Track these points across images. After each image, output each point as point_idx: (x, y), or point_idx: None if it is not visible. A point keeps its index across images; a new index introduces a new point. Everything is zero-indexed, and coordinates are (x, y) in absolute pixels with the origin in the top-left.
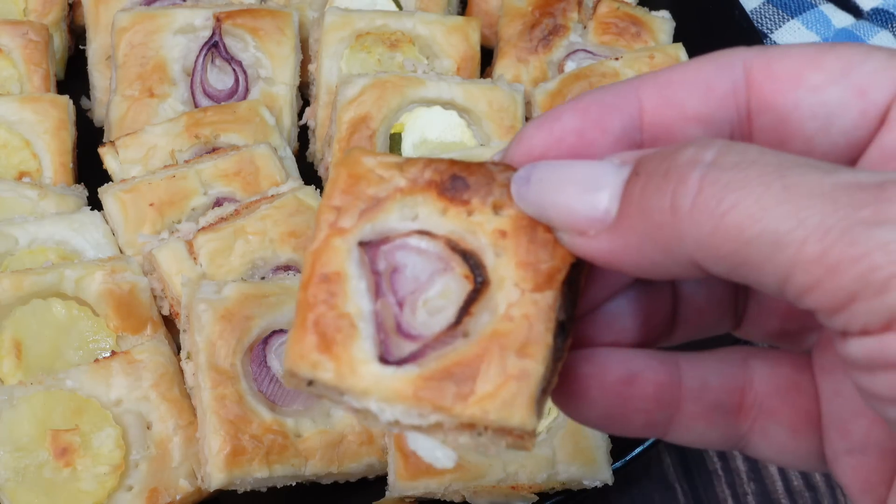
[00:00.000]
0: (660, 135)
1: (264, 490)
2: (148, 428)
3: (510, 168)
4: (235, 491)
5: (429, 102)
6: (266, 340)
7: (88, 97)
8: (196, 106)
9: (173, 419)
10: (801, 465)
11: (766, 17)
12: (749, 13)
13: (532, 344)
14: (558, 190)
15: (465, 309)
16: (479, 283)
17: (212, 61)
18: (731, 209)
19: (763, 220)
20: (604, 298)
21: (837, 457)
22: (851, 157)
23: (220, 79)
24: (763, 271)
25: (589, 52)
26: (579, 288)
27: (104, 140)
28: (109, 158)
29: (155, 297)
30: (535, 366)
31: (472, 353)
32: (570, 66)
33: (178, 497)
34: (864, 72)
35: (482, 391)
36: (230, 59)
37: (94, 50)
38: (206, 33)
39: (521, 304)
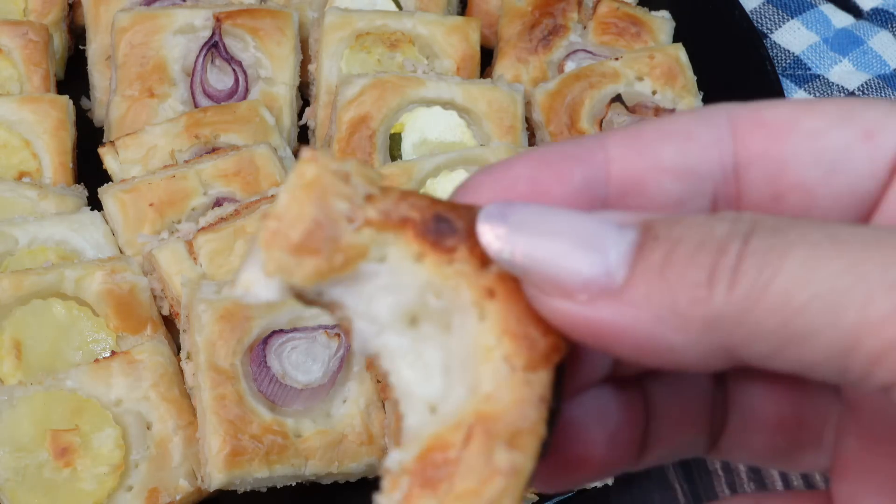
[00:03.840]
0: (630, 189)
1: (264, 490)
2: (148, 428)
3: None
4: (235, 491)
5: (429, 102)
6: (266, 340)
7: (88, 97)
8: (196, 106)
9: (173, 419)
10: None
11: (765, 17)
12: (749, 13)
13: (524, 433)
14: (546, 239)
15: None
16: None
17: (212, 61)
18: (776, 275)
19: (814, 281)
20: (570, 394)
21: None
22: (861, 213)
23: (219, 79)
24: (819, 345)
25: (589, 52)
26: (565, 373)
27: (104, 140)
28: (109, 158)
29: (155, 297)
30: (525, 460)
31: (454, 437)
32: (569, 66)
33: (178, 497)
34: (869, 116)
35: (464, 486)
36: (230, 60)
37: (94, 50)
38: (206, 33)
39: (512, 384)
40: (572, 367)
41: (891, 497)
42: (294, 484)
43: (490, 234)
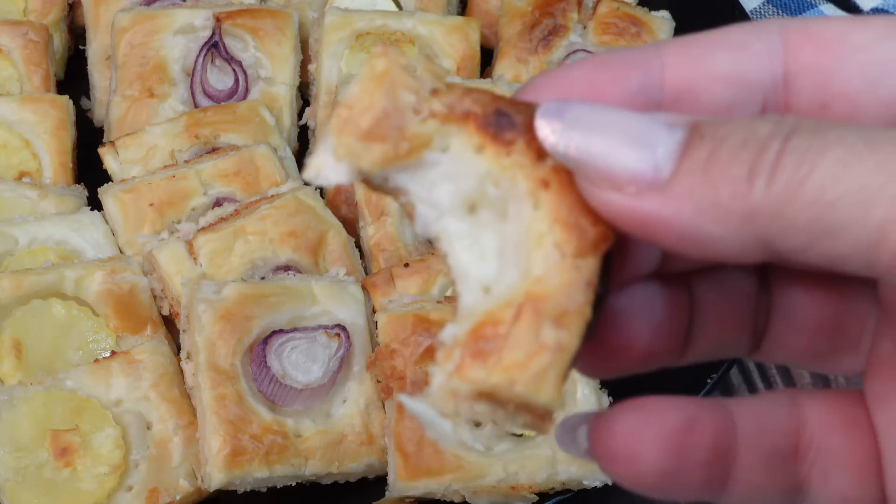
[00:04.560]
0: (683, 95)
1: (264, 490)
2: (148, 428)
3: None
4: (235, 491)
5: None
6: (266, 340)
7: (88, 97)
8: (196, 106)
9: (173, 419)
10: None
11: (766, 17)
12: (749, 13)
13: (571, 314)
14: (598, 135)
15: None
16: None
17: (212, 61)
18: (811, 172)
19: (847, 178)
20: (618, 285)
21: None
22: None
23: (219, 79)
24: (848, 238)
25: (589, 52)
26: (612, 262)
27: (104, 140)
28: (109, 158)
29: (155, 297)
30: (571, 339)
31: (505, 314)
32: None
33: (177, 497)
34: None
35: (512, 359)
36: (230, 60)
37: (94, 50)
38: (206, 33)
39: (561, 269)
40: (621, 259)
41: None
42: (294, 484)
43: (547, 129)
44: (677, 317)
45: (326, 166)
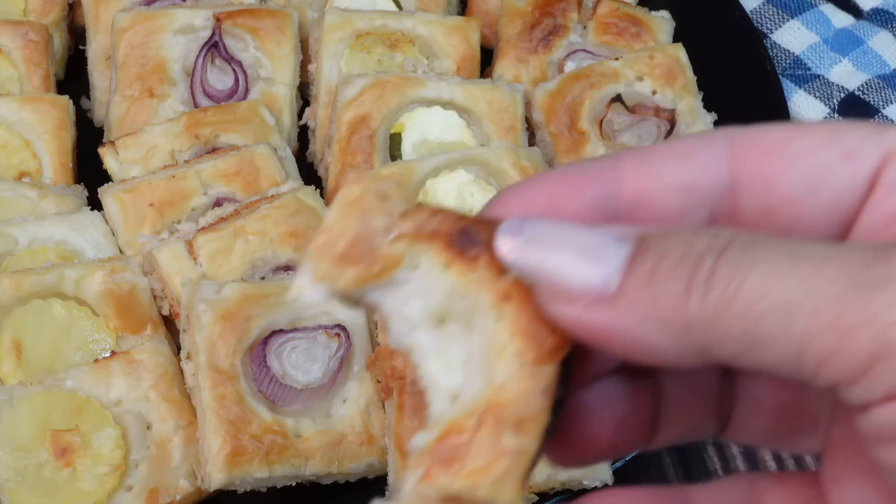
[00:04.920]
0: (638, 204)
1: (264, 490)
2: (148, 428)
3: None
4: (235, 491)
5: (429, 102)
6: (266, 341)
7: (88, 97)
8: (196, 106)
9: (173, 419)
10: None
11: (766, 17)
12: (749, 13)
13: (529, 420)
14: (553, 251)
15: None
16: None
17: (212, 61)
18: (741, 287)
19: (773, 293)
20: (582, 383)
21: None
22: (841, 225)
23: (219, 79)
24: (775, 348)
25: (589, 52)
26: (573, 366)
27: (104, 140)
28: (109, 158)
29: (155, 297)
30: (530, 443)
31: (468, 423)
32: (569, 66)
33: (177, 497)
34: (853, 137)
35: (474, 465)
36: (230, 60)
37: (94, 50)
38: (206, 33)
39: (521, 377)
40: (584, 359)
41: (870, 479)
42: (294, 484)
43: (506, 246)
44: (642, 407)
45: (306, 288)
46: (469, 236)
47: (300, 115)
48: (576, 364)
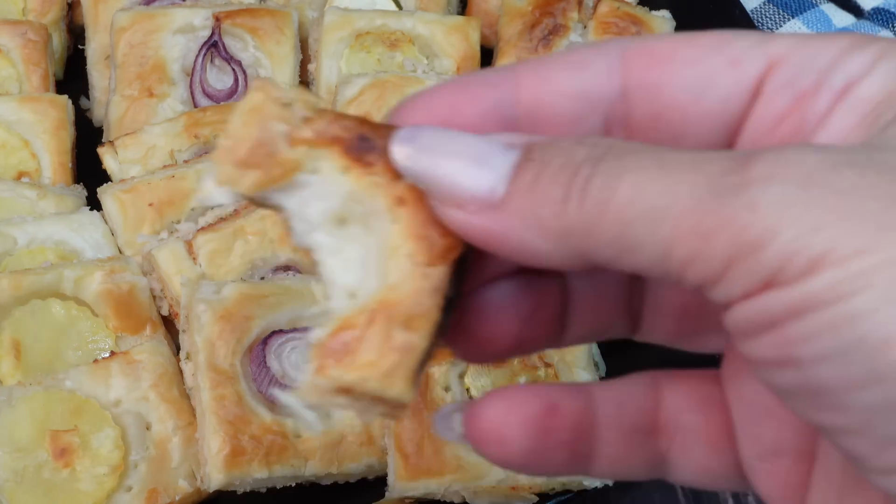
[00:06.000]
0: (534, 111)
1: (264, 490)
2: (147, 428)
3: None
4: (235, 491)
5: None
6: (266, 341)
7: (87, 97)
8: (195, 106)
9: (172, 420)
10: (724, 484)
11: (766, 17)
12: (749, 13)
13: (419, 318)
14: (444, 159)
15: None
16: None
17: (211, 61)
18: (613, 194)
19: (641, 200)
20: (484, 281)
21: (752, 465)
22: (728, 131)
23: (219, 78)
24: (645, 252)
25: None
26: (467, 267)
27: (103, 140)
28: (108, 158)
29: (154, 297)
30: (419, 340)
31: (360, 319)
32: None
33: (177, 497)
34: (738, 46)
35: (365, 359)
36: (229, 59)
37: (94, 50)
38: (206, 33)
39: (412, 277)
40: (484, 260)
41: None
42: (294, 484)
43: (400, 153)
44: (548, 306)
45: (210, 190)
46: (367, 142)
47: None
48: (472, 265)
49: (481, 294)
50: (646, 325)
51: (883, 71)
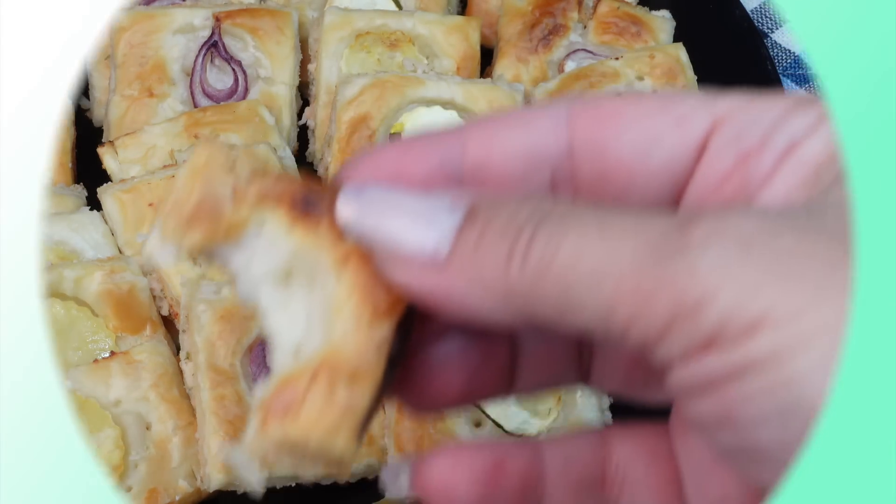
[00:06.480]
0: (481, 169)
1: (264, 490)
2: (147, 428)
3: None
4: (235, 491)
5: (429, 102)
6: (266, 341)
7: (88, 97)
8: (195, 106)
9: (172, 420)
10: None
11: (766, 17)
12: (749, 13)
13: (362, 374)
14: (388, 217)
15: None
16: None
17: (211, 61)
18: (554, 256)
19: (581, 262)
20: (431, 336)
21: None
22: (674, 189)
23: (219, 78)
24: (586, 314)
25: (589, 51)
26: (413, 322)
27: (103, 140)
28: (108, 158)
29: (154, 297)
30: (361, 397)
31: (304, 376)
32: (570, 65)
33: (177, 497)
34: (684, 105)
35: (308, 416)
36: (230, 59)
37: (93, 49)
38: (206, 33)
39: (356, 334)
40: (429, 315)
41: None
42: (294, 484)
43: (345, 211)
44: (496, 359)
45: (155, 248)
46: (312, 201)
47: (300, 114)
48: (418, 320)
49: (427, 349)
50: (595, 376)
51: (825, 132)
